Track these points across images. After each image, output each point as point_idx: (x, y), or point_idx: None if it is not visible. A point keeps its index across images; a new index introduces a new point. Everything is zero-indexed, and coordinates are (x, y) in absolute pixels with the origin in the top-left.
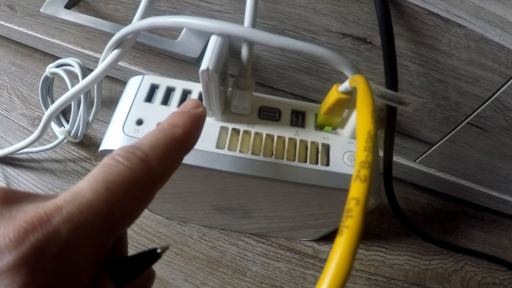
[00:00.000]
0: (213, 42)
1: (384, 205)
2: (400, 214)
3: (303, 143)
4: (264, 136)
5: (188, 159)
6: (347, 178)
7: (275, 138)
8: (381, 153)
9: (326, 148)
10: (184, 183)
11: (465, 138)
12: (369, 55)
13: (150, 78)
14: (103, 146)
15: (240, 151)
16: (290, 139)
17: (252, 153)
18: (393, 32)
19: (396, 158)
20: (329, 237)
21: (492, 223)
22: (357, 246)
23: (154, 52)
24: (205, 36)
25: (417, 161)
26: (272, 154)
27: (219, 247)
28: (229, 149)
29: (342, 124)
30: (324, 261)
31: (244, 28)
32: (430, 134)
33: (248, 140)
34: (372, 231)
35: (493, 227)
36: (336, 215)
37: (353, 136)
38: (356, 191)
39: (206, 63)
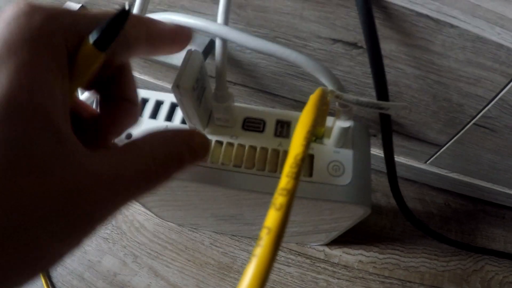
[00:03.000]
0: (186, 58)
1: (398, 207)
2: (411, 216)
3: (286, 154)
4: (247, 147)
5: None
6: (331, 188)
7: (258, 150)
8: (382, 155)
9: (310, 158)
10: (195, 192)
11: (474, 139)
12: (362, 60)
13: (141, 92)
14: None
15: (222, 163)
16: (273, 150)
17: (234, 165)
18: (378, 35)
19: (406, 161)
20: (341, 241)
21: None
22: (266, 276)
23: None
24: (201, 48)
25: (427, 162)
26: (254, 166)
27: (230, 253)
28: (211, 162)
29: (328, 133)
30: (336, 265)
31: (218, 26)
32: (437, 136)
33: (231, 152)
34: (385, 234)
35: None
36: (347, 219)
37: (338, 145)
38: (269, 219)
39: (177, 80)
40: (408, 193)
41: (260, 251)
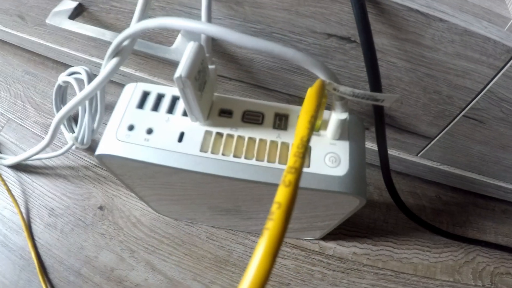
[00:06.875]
0: (188, 50)
1: (390, 200)
2: (405, 208)
3: (285, 145)
4: (246, 139)
5: (172, 162)
6: (328, 179)
7: (257, 141)
8: (375, 148)
9: (308, 150)
10: (191, 185)
11: (463, 130)
12: (355, 54)
13: (143, 86)
14: (98, 151)
15: (223, 154)
16: (272, 141)
17: (234, 156)
18: (371, 29)
19: (397, 153)
20: (335, 233)
21: (504, 213)
22: (277, 247)
23: (156, 59)
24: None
25: (419, 155)
26: (253, 157)
27: (226, 246)
28: (212, 152)
29: (324, 125)
30: (330, 257)
31: (203, 24)
32: (428, 128)
33: (231, 143)
34: (378, 226)
35: (505, 217)
36: (341, 214)
37: (335, 137)
38: (279, 195)
39: (179, 70)
40: (400, 186)
41: (272, 224)
